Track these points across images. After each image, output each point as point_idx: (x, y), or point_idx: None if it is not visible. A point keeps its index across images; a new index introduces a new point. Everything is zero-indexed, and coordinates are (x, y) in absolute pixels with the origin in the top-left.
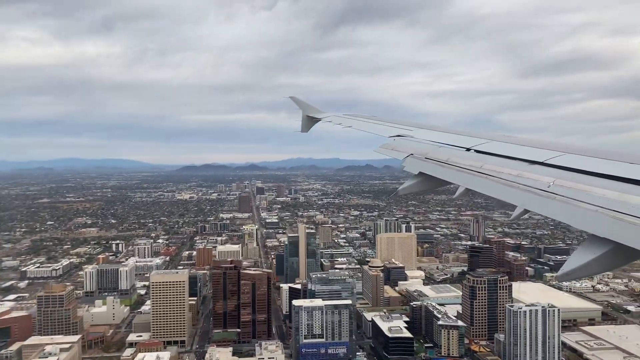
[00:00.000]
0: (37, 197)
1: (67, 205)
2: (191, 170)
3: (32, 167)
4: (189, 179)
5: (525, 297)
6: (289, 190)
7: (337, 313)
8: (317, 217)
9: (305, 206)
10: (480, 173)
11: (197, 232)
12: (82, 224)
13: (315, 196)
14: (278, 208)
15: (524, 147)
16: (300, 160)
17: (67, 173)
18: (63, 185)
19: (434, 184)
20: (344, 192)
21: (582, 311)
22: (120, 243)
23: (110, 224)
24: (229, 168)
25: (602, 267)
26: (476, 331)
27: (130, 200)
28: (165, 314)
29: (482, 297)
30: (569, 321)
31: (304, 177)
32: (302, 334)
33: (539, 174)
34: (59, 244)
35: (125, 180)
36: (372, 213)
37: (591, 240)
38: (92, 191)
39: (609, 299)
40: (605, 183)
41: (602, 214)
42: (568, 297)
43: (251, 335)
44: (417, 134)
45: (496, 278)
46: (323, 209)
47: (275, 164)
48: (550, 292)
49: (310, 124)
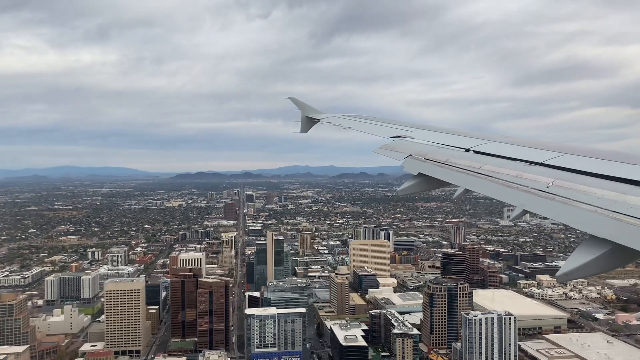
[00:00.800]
0: (25, 205)
1: (53, 213)
2: (185, 178)
3: (27, 175)
4: (181, 187)
5: (492, 305)
6: (279, 197)
7: (290, 322)
8: (302, 224)
9: (293, 213)
10: (480, 174)
11: (177, 240)
12: (64, 231)
13: (304, 203)
14: (265, 215)
15: (523, 147)
16: (297, 168)
17: (61, 181)
18: (54, 193)
19: (433, 184)
20: (334, 199)
21: (548, 319)
22: (97, 251)
23: (92, 231)
24: (223, 176)
25: (601, 267)
26: (436, 339)
27: (119, 208)
28: (120, 323)
29: (442, 305)
30: (534, 329)
31: (297, 185)
32: (254, 343)
33: (538, 175)
34: (36, 252)
35: (118, 188)
36: (359, 220)
37: (590, 241)
38: (82, 199)
39: (580, 307)
40: (604, 184)
41: (601, 214)
42: (536, 305)
43: (209, 344)
44: (416, 134)
45: (456, 285)
46: (310, 216)
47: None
48: (519, 299)
49: (309, 125)
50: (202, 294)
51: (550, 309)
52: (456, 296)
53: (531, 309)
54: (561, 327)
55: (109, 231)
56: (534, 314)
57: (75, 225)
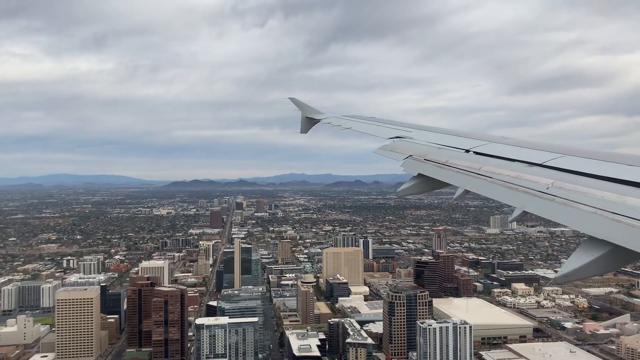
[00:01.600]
0: (12, 213)
1: (39, 221)
2: (180, 186)
3: (21, 184)
4: (174, 195)
5: (460, 313)
6: (270, 205)
7: (241, 331)
8: (287, 232)
9: (281, 221)
10: (480, 175)
11: (158, 248)
12: (45, 239)
13: (294, 211)
14: (252, 223)
15: (523, 148)
16: (293, 176)
17: (55, 189)
18: (45, 201)
19: (433, 185)
20: (326, 207)
21: (514, 328)
22: (72, 259)
23: (74, 240)
24: (218, 184)
25: (600, 269)
26: (395, 349)
27: (107, 216)
28: (72, 333)
29: (401, 314)
30: (500, 338)
31: (291, 193)
32: (204, 353)
33: (538, 176)
34: (11, 261)
35: (111, 196)
36: (345, 228)
37: (589, 242)
38: (71, 207)
39: (550, 315)
40: (604, 185)
41: (600, 215)
42: (505, 314)
43: (164, 354)
44: (417, 135)
45: (415, 294)
46: (297, 224)
47: (267, 180)
48: (489, 308)
49: (309, 125)
50: (157, 303)
51: (517, 318)
52: (415, 305)
53: (499, 318)
54: (527, 337)
55: (92, 239)
56: (500, 323)
57: (59, 233)
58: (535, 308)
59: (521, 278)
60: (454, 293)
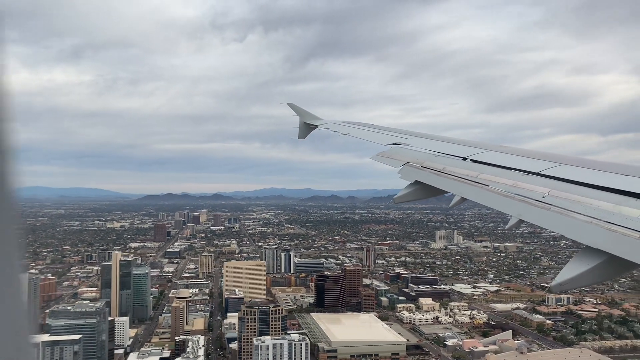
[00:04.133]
0: None
1: None
2: (153, 199)
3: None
4: (142, 208)
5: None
6: (230, 219)
7: (58, 350)
8: (231, 246)
9: (233, 235)
10: (476, 182)
11: (82, 261)
12: None
13: (253, 225)
14: (200, 237)
15: (520, 157)
16: (272, 190)
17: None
18: None
19: (429, 192)
20: (288, 221)
21: (387, 345)
22: None
23: None
24: (191, 197)
25: (595, 278)
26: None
27: (55, 229)
28: None
29: (251, 329)
30: (369, 356)
31: (263, 207)
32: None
33: (535, 185)
34: None
35: (77, 209)
36: (293, 242)
37: (585, 252)
38: (26, 219)
39: (439, 332)
40: (600, 194)
41: (596, 225)
42: (384, 330)
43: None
44: (414, 142)
45: (267, 309)
46: (247, 238)
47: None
48: (371, 324)
49: (307, 131)
50: None
51: (395, 335)
52: (267, 320)
53: (376, 334)
54: (399, 354)
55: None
56: (374, 340)
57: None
58: (430, 324)
59: (431, 293)
60: (357, 308)
